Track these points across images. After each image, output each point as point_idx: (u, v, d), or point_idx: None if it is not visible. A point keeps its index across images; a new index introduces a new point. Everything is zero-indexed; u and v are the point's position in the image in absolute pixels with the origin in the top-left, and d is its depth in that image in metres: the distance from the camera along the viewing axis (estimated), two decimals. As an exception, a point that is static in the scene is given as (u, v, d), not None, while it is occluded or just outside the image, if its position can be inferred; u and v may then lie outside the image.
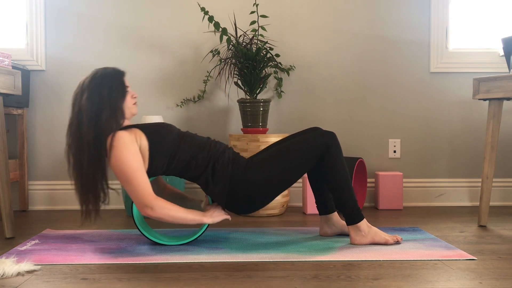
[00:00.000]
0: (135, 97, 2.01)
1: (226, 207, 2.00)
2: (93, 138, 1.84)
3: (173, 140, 1.94)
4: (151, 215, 1.83)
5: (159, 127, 1.96)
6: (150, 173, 1.93)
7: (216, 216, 1.95)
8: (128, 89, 1.98)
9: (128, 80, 2.00)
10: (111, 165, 1.86)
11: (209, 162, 1.95)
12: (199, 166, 1.94)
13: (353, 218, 2.00)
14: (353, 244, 2.01)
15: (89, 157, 1.85)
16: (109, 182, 1.93)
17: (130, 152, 1.84)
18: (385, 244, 1.99)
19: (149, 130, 1.92)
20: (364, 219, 2.01)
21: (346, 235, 2.12)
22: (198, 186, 2.91)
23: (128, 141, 1.85)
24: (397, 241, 2.01)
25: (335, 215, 2.16)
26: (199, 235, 2.04)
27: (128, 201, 2.71)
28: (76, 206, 2.95)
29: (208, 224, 2.01)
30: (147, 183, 1.85)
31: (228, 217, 1.99)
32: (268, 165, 1.98)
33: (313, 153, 1.98)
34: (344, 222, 2.13)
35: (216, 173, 1.94)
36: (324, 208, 2.15)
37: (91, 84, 1.89)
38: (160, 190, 2.22)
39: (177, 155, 1.93)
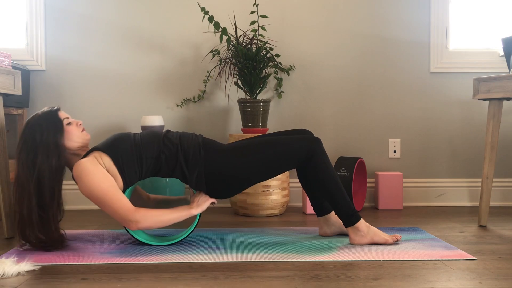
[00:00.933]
0: (80, 124, 2.00)
1: (207, 192, 2.00)
2: (35, 186, 1.85)
3: (131, 144, 1.94)
4: (139, 227, 1.84)
5: (114, 140, 1.96)
6: (129, 183, 1.93)
7: (202, 203, 1.96)
8: (69, 120, 1.97)
9: (64, 113, 1.98)
10: (84, 194, 1.87)
11: (178, 151, 1.95)
12: (169, 158, 1.94)
13: (350, 220, 2.00)
14: (352, 244, 2.01)
15: (33, 207, 1.86)
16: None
17: (95, 176, 1.83)
18: (385, 243, 1.99)
19: (106, 147, 1.92)
20: (362, 219, 2.01)
21: (346, 234, 2.12)
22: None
23: (90, 166, 1.85)
24: (396, 240, 2.01)
25: (333, 215, 2.16)
26: (194, 227, 2.05)
27: (128, 201, 2.71)
28: (76, 206, 2.96)
29: (200, 214, 2.01)
30: (123, 200, 1.84)
31: (214, 200, 2.00)
32: (247, 152, 1.98)
33: (294, 154, 1.98)
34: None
35: (190, 160, 1.94)
36: (320, 210, 2.15)
37: (23, 136, 1.90)
38: (144, 202, 2.23)
39: (143, 154, 1.93)
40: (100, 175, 1.84)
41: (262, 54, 2.75)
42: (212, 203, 2.00)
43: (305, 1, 3.03)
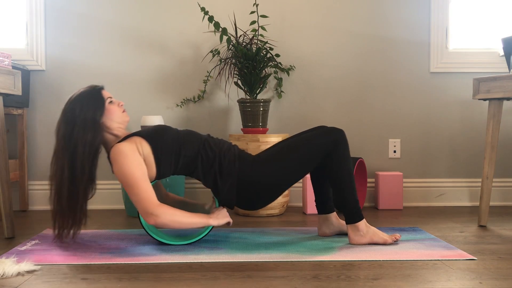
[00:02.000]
0: (121, 105, 2.01)
1: (236, 204, 2.01)
2: (69, 159, 1.87)
3: (173, 138, 1.96)
4: (157, 222, 1.83)
5: (157, 129, 1.98)
6: (162, 175, 1.95)
7: (221, 218, 1.96)
8: (111, 99, 1.99)
9: (107, 92, 2.00)
10: (116, 176, 1.90)
11: (215, 158, 1.96)
12: (206, 163, 1.96)
13: (353, 217, 2.00)
14: (351, 244, 2.01)
15: (65, 179, 1.88)
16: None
17: (130, 162, 1.85)
18: (384, 243, 1.99)
19: (148, 134, 1.94)
20: (364, 219, 2.01)
21: (345, 234, 2.12)
22: (198, 186, 2.91)
23: (128, 151, 1.86)
24: (396, 240, 2.01)
25: (334, 215, 2.16)
26: (205, 235, 2.04)
27: (128, 201, 2.71)
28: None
29: (213, 226, 2.01)
30: (150, 192, 1.85)
31: (231, 220, 2.00)
32: (276, 160, 1.98)
33: (321, 148, 1.98)
34: (342, 222, 2.14)
35: (224, 170, 1.95)
36: (323, 207, 2.15)
37: (65, 108, 1.94)
38: (162, 198, 2.23)
39: (182, 152, 1.94)
40: (134, 162, 1.85)
41: (262, 54, 2.75)
42: (228, 222, 1.99)
43: (305, 1, 3.03)
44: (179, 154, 1.94)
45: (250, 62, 2.70)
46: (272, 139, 2.66)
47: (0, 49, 2.66)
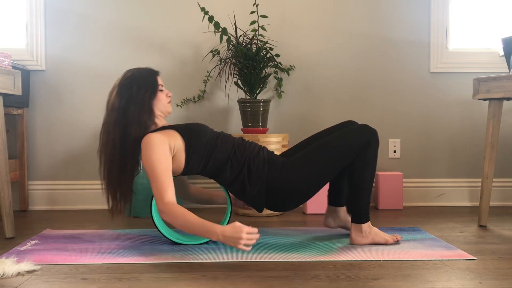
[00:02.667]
0: (169, 96, 2.03)
1: (266, 206, 2.00)
2: (120, 133, 1.88)
3: (208, 140, 1.95)
4: (163, 218, 1.82)
5: (195, 127, 1.97)
6: (188, 172, 1.95)
7: (229, 239, 1.69)
8: (162, 87, 2.00)
9: (160, 79, 2.02)
10: (142, 163, 1.89)
11: (244, 163, 1.95)
12: (235, 168, 1.94)
13: (360, 218, 2.00)
14: (352, 244, 2.01)
15: (115, 153, 1.89)
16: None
17: (157, 153, 1.84)
18: (385, 244, 1.99)
19: (184, 130, 1.94)
20: (369, 221, 2.01)
21: (347, 229, 2.13)
22: (197, 182, 2.90)
23: (157, 142, 1.85)
24: (397, 240, 2.01)
25: (343, 209, 2.16)
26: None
27: (128, 201, 2.71)
28: (76, 206, 2.96)
29: (230, 218, 2.05)
30: (166, 187, 1.82)
31: (244, 247, 1.71)
32: (306, 164, 1.95)
33: (352, 150, 1.95)
34: (349, 218, 2.12)
35: (252, 174, 1.93)
36: (335, 200, 2.15)
37: (122, 82, 1.94)
38: (183, 190, 2.24)
39: (213, 155, 1.94)
40: (161, 155, 1.84)
41: (262, 54, 2.75)
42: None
43: (305, 1, 3.03)
44: (210, 157, 1.93)
45: (250, 62, 2.70)
46: (272, 139, 2.66)
47: (0, 49, 2.66)
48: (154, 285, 1.53)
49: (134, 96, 1.90)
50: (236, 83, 2.85)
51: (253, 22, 2.75)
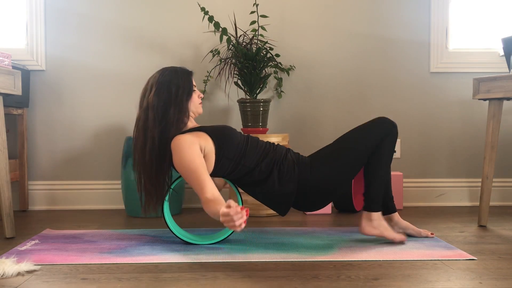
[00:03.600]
0: (201, 97, 2.04)
1: (294, 206, 2.00)
2: (159, 133, 1.89)
3: (238, 145, 1.94)
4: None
5: (225, 131, 1.96)
6: (213, 174, 1.94)
7: (232, 220, 1.54)
8: (195, 88, 2.01)
9: (194, 81, 2.03)
10: (175, 165, 1.89)
11: (274, 167, 1.94)
12: (263, 172, 1.93)
13: (372, 205, 1.99)
14: (361, 232, 2.01)
15: (153, 151, 1.89)
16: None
17: (190, 154, 1.84)
18: (392, 240, 2.00)
19: (214, 133, 1.93)
20: (380, 212, 2.01)
21: (408, 234, 2.10)
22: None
23: (188, 143, 1.85)
24: (402, 241, 2.02)
25: (397, 215, 2.13)
26: (228, 236, 2.06)
27: (128, 201, 2.71)
28: (76, 206, 2.96)
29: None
30: (205, 184, 1.81)
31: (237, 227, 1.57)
32: (333, 161, 1.97)
33: (373, 141, 1.96)
34: (406, 223, 2.11)
35: (284, 176, 1.93)
36: (386, 209, 2.12)
37: (159, 80, 1.94)
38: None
39: (243, 160, 1.93)
40: (194, 154, 1.84)
41: (262, 54, 2.75)
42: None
43: (305, 1, 3.03)
44: (239, 163, 1.93)
45: (250, 62, 2.70)
46: (272, 139, 2.66)
47: (0, 49, 2.66)
48: (154, 285, 1.53)
49: (173, 97, 1.91)
50: (236, 83, 2.85)
51: (253, 22, 2.75)
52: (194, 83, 2.01)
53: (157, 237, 2.16)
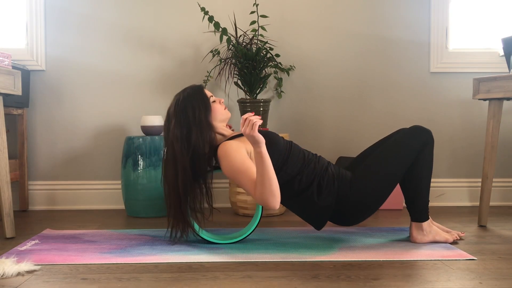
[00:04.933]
0: (222, 102, 2.02)
1: (331, 220, 1.99)
2: (190, 161, 1.89)
3: (280, 151, 1.93)
4: (264, 204, 1.77)
5: (269, 137, 1.92)
6: None
7: (252, 125, 1.70)
8: (212, 98, 1.99)
9: (207, 90, 2.01)
10: (225, 172, 1.88)
11: (314, 179, 1.93)
12: (303, 182, 1.92)
13: (421, 216, 2.01)
14: (413, 242, 2.02)
15: (186, 181, 1.90)
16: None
17: (238, 158, 1.83)
18: (445, 242, 2.01)
19: None
20: (429, 220, 2.03)
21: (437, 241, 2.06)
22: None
23: (235, 148, 1.85)
24: (458, 238, 2.04)
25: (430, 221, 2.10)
26: (248, 235, 2.07)
27: (128, 201, 2.71)
28: (76, 206, 2.96)
29: (261, 216, 2.06)
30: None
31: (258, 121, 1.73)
32: (373, 176, 1.95)
33: (412, 153, 1.96)
34: (436, 228, 2.08)
35: (323, 190, 1.92)
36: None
37: (176, 111, 1.92)
38: None
39: (284, 167, 1.92)
40: (243, 157, 1.84)
41: (262, 54, 2.75)
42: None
43: (305, 1, 3.03)
44: (280, 169, 1.91)
45: (250, 62, 2.70)
46: (272, 139, 2.66)
47: (0, 49, 2.66)
48: (154, 285, 1.53)
49: (192, 119, 1.90)
50: (236, 83, 2.85)
51: (253, 22, 2.75)
52: (210, 93, 2.00)
53: (157, 237, 2.16)
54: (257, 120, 1.71)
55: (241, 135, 1.96)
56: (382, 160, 1.98)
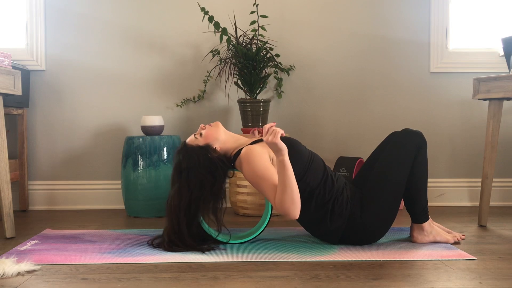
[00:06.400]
0: (202, 128, 2.00)
1: (340, 242, 1.98)
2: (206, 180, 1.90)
3: (302, 159, 1.91)
4: (283, 212, 1.78)
5: (292, 144, 1.92)
6: None
7: (274, 133, 1.73)
8: (195, 134, 1.98)
9: (192, 136, 1.99)
10: (246, 176, 1.87)
11: (331, 198, 1.92)
12: (322, 198, 1.91)
13: (421, 217, 2.01)
14: (414, 242, 2.03)
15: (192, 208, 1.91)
16: None
17: (261, 163, 1.83)
18: (446, 243, 2.01)
19: None
20: (429, 219, 2.03)
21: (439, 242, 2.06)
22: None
23: (258, 152, 1.85)
24: (458, 240, 2.04)
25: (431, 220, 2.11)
26: (258, 234, 2.07)
27: (128, 201, 2.71)
28: (76, 206, 2.96)
29: (270, 216, 2.05)
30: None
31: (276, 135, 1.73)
32: (382, 197, 1.93)
33: (409, 159, 1.95)
34: (437, 228, 2.08)
35: (335, 211, 1.91)
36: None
37: (181, 180, 1.92)
38: None
39: (305, 176, 1.90)
40: (266, 163, 1.84)
41: (262, 54, 2.75)
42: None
43: (305, 1, 3.03)
44: (301, 178, 1.89)
45: (250, 62, 2.70)
46: (272, 139, 2.65)
47: (0, 49, 2.66)
48: (154, 285, 1.53)
49: (196, 165, 1.89)
50: (236, 83, 2.85)
51: (253, 22, 2.75)
52: (196, 133, 1.98)
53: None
54: (280, 130, 1.72)
55: (260, 140, 1.96)
56: (384, 179, 1.95)
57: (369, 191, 1.96)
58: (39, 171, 2.97)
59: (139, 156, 2.65)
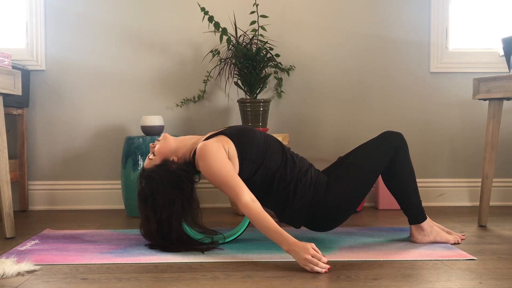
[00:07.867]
0: (152, 146, 2.00)
1: (304, 225, 1.99)
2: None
3: (259, 145, 1.91)
4: (243, 212, 1.79)
5: (245, 133, 1.92)
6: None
7: (301, 251, 1.66)
8: (149, 155, 1.98)
9: (150, 156, 1.98)
10: (203, 173, 1.87)
11: (292, 180, 1.91)
12: (283, 181, 1.91)
13: (417, 218, 2.01)
14: (414, 242, 2.02)
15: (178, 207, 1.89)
16: None
17: (218, 160, 1.82)
18: (446, 243, 2.01)
19: (235, 136, 1.90)
20: (427, 218, 2.02)
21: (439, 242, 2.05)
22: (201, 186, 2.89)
23: (214, 148, 1.84)
24: (458, 241, 2.03)
25: (429, 220, 2.11)
26: (241, 234, 2.07)
27: (128, 201, 2.71)
28: (76, 206, 2.96)
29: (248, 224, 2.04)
30: (239, 188, 1.79)
31: (319, 269, 1.65)
32: (347, 182, 1.94)
33: (384, 157, 1.96)
34: (437, 229, 2.08)
35: (298, 192, 1.91)
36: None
37: (150, 198, 1.90)
38: None
39: (265, 162, 1.90)
40: (223, 160, 1.82)
41: (262, 54, 2.75)
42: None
43: (305, 1, 3.03)
44: (261, 165, 1.89)
45: (250, 62, 2.70)
46: (272, 139, 2.66)
47: (0, 49, 2.66)
48: (154, 285, 1.53)
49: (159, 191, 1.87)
50: (236, 83, 2.85)
51: (253, 22, 2.75)
52: (151, 151, 1.98)
53: (157, 237, 2.15)
54: (321, 270, 1.64)
55: (219, 133, 1.94)
56: (355, 167, 1.97)
57: (337, 176, 1.97)
58: (39, 171, 2.97)
59: (139, 156, 2.65)
